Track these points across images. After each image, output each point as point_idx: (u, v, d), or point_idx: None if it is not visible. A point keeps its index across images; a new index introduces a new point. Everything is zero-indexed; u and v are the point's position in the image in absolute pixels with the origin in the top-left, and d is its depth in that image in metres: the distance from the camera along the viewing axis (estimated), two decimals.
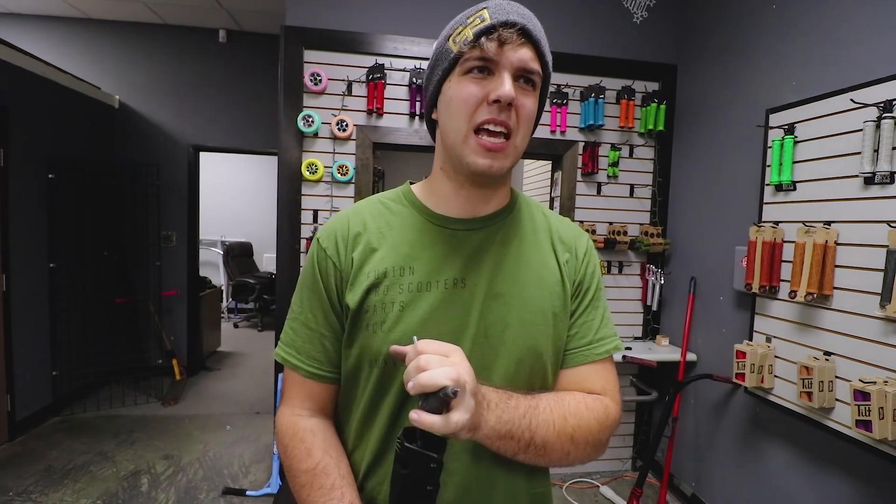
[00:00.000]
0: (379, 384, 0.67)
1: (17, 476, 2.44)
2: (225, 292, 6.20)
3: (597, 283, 0.75)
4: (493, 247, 0.70)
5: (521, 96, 0.62)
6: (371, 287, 0.67)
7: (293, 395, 0.73)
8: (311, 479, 0.66)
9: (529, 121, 0.65)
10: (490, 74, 0.62)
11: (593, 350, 0.72)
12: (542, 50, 0.63)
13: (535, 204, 0.79)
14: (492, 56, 0.61)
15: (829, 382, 1.59)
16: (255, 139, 3.99)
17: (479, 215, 0.71)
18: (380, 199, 0.75)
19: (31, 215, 3.01)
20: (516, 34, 0.60)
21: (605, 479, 2.62)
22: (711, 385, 2.27)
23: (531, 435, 0.61)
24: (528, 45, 0.62)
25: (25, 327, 2.94)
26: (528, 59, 0.62)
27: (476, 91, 0.62)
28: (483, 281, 0.68)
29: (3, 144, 2.75)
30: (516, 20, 0.61)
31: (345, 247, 0.70)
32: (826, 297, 1.63)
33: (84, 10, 3.68)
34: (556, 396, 0.66)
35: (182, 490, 2.40)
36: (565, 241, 0.75)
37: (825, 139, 1.68)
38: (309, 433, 0.70)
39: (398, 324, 0.66)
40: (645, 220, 2.66)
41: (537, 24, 0.64)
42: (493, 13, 0.62)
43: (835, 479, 1.66)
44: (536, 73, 0.63)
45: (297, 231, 2.38)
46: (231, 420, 3.22)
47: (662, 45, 2.62)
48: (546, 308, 0.69)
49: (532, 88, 0.64)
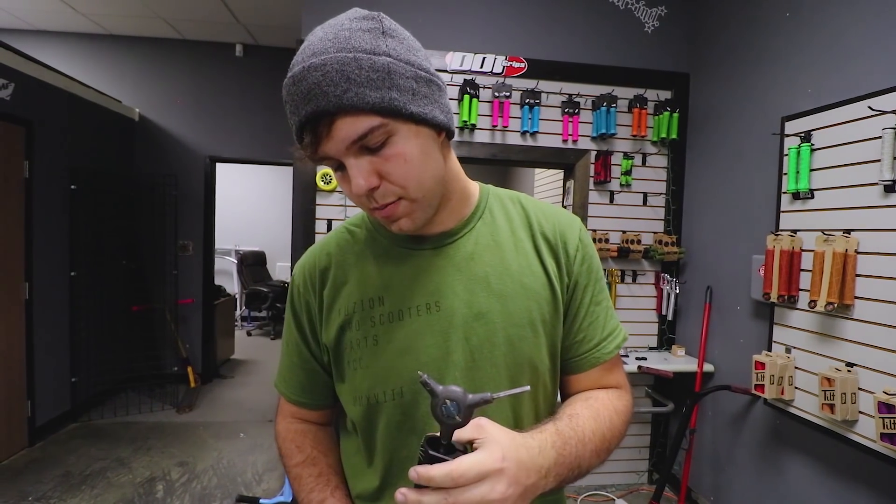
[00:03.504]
0: (367, 421, 0.66)
1: (37, 481, 2.48)
2: (238, 301, 6.28)
3: (595, 277, 0.69)
4: (465, 262, 0.65)
5: (379, 160, 0.53)
6: (343, 325, 0.66)
7: (285, 411, 0.78)
8: (301, 471, 0.71)
9: (408, 164, 0.54)
10: (342, 164, 0.55)
11: (603, 350, 0.69)
12: (360, 101, 0.50)
13: (510, 197, 0.72)
14: (321, 156, 0.54)
15: (851, 394, 1.55)
16: (271, 150, 4.06)
17: (444, 230, 0.66)
18: (346, 227, 0.73)
19: (54, 225, 3.09)
20: (321, 126, 0.51)
21: (621, 492, 2.58)
22: (729, 396, 2.22)
23: (580, 472, 0.58)
24: (340, 119, 0.50)
25: (46, 334, 3.00)
26: (350, 135, 0.51)
27: (347, 188, 0.56)
28: (459, 301, 0.63)
29: (28, 157, 2.84)
30: (307, 113, 0.50)
31: (313, 285, 0.69)
32: (847, 307, 1.60)
33: (107, 27, 3.80)
34: (594, 415, 0.62)
35: (197, 497, 2.42)
36: (549, 238, 0.68)
37: (843, 147, 1.66)
38: (300, 434, 0.75)
39: (376, 359, 0.64)
40: (659, 229, 2.65)
41: (332, 69, 0.49)
42: (290, 112, 0.53)
43: (859, 494, 1.62)
44: (373, 128, 0.51)
45: (311, 240, 2.41)
46: (245, 428, 3.24)
47: (674, 53, 2.62)
48: (535, 318, 0.65)
49: (384, 136, 0.52)
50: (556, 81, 2.49)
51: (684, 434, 2.22)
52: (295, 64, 0.52)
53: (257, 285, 6.09)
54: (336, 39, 0.51)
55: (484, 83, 2.44)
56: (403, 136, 0.53)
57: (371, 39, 0.52)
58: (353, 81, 0.50)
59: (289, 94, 0.52)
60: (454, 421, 0.47)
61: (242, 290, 6.24)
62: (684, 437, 2.25)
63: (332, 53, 0.50)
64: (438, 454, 0.47)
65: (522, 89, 2.46)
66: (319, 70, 0.50)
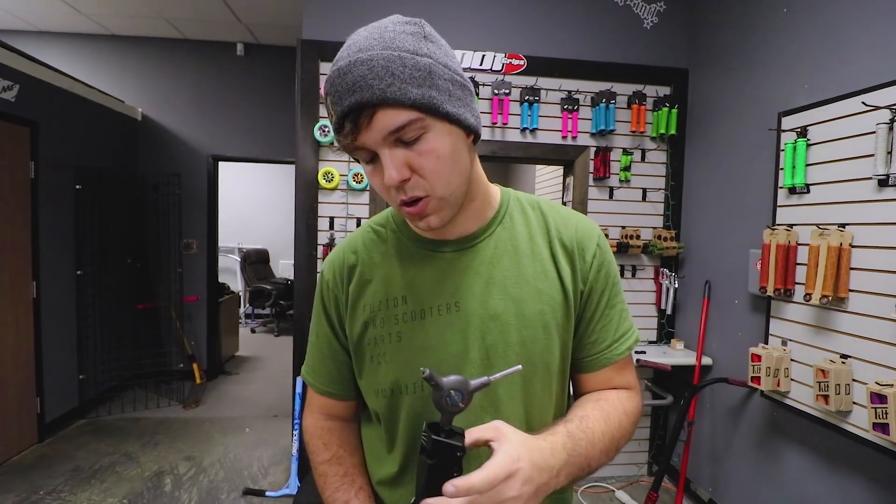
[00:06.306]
0: (389, 412, 0.70)
1: (48, 476, 2.53)
2: (242, 298, 6.33)
3: (611, 282, 0.71)
4: (483, 265, 0.68)
5: (412, 154, 0.56)
6: (368, 321, 0.70)
7: (313, 405, 0.81)
8: (327, 469, 0.74)
9: (440, 161, 0.57)
10: (376, 156, 0.57)
11: (615, 351, 0.71)
12: (402, 96, 0.53)
13: (531, 202, 0.74)
14: (358, 146, 0.57)
15: (845, 385, 1.58)
16: (273, 149, 4.09)
17: (466, 234, 0.69)
18: (371, 226, 0.76)
19: (60, 225, 3.13)
20: (363, 116, 0.54)
21: (621, 483, 2.62)
22: (727, 389, 2.25)
23: (589, 471, 0.61)
24: (382, 111, 0.53)
25: (54, 332, 3.05)
26: (389, 126, 0.54)
27: (378, 180, 0.59)
28: (477, 302, 0.66)
29: (34, 157, 2.87)
30: (351, 103, 0.53)
31: (342, 279, 0.73)
32: (841, 300, 1.63)
33: (109, 28, 3.83)
34: (604, 416, 0.65)
35: (204, 490, 2.46)
36: (567, 245, 0.70)
37: (838, 142, 1.68)
38: (326, 431, 0.78)
39: (399, 354, 0.68)
40: (658, 224, 2.67)
41: (378, 64, 0.53)
42: (332, 103, 0.56)
43: (853, 483, 1.65)
44: (411, 121, 0.54)
45: (313, 238, 2.44)
46: (250, 423, 3.28)
47: (673, 49, 2.63)
48: (548, 321, 0.67)
49: (420, 132, 0.56)
50: (555, 78, 2.51)
51: (682, 426, 2.25)
52: (340, 59, 0.55)
53: (261, 283, 6.13)
54: (381, 38, 0.55)
55: (483, 80, 2.46)
56: (437, 133, 0.57)
57: (414, 42, 0.56)
58: (397, 77, 0.53)
59: (332, 85, 0.55)
60: (458, 408, 0.51)
61: (246, 288, 6.29)
62: (682, 428, 2.28)
63: (378, 50, 0.54)
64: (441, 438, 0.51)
65: (522, 86, 2.48)
66: (366, 64, 0.53)
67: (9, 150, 2.70)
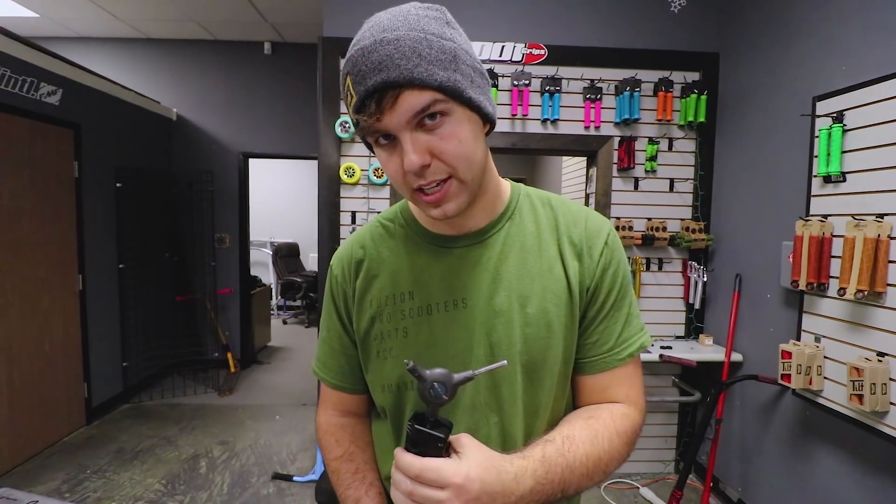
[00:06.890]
0: (395, 407, 0.71)
1: (94, 456, 2.71)
2: (274, 290, 6.53)
3: (619, 283, 0.68)
4: (491, 262, 0.67)
5: (434, 138, 0.55)
6: (374, 316, 0.70)
7: (325, 401, 0.81)
8: (339, 466, 0.75)
9: (462, 145, 0.56)
10: (395, 139, 0.56)
11: (615, 356, 0.68)
12: (429, 77, 0.52)
13: (541, 198, 0.73)
14: (380, 128, 0.55)
15: (882, 385, 1.50)
16: (299, 145, 4.18)
17: (475, 229, 0.68)
18: (380, 221, 0.76)
19: (103, 221, 3.31)
20: (387, 97, 0.53)
21: (646, 480, 2.57)
22: (758, 386, 2.17)
23: (564, 496, 0.58)
24: (407, 91, 0.52)
25: (99, 322, 3.24)
26: (414, 107, 0.53)
27: (394, 165, 0.57)
28: (482, 299, 0.66)
29: (77, 157, 3.04)
30: (376, 82, 0.52)
31: (350, 273, 0.73)
32: (878, 295, 1.54)
33: (144, 31, 3.99)
34: (592, 437, 0.62)
35: (236, 473, 2.58)
36: (575, 242, 0.68)
37: (877, 126, 1.58)
38: (339, 428, 0.79)
39: (406, 350, 0.68)
40: (686, 216, 2.58)
41: (405, 45, 0.52)
42: (354, 82, 0.54)
43: (889, 486, 1.57)
44: (436, 101, 0.53)
45: (336, 232, 2.49)
46: (280, 410, 3.41)
47: (703, 33, 2.53)
48: (552, 320, 0.66)
49: (444, 113, 0.55)
50: (577, 67, 2.46)
51: (709, 423, 2.19)
52: (362, 38, 0.54)
53: (291, 276, 6.31)
54: (406, 20, 0.54)
55: (503, 72, 2.43)
56: (458, 118, 0.56)
57: (438, 26, 0.56)
58: (424, 58, 0.52)
59: (355, 64, 0.54)
60: (441, 400, 0.52)
61: (277, 281, 6.48)
62: (709, 426, 2.22)
63: (405, 31, 0.53)
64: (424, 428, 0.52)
65: (542, 76, 2.44)
66: (392, 44, 0.52)
67: (54, 152, 2.87)
